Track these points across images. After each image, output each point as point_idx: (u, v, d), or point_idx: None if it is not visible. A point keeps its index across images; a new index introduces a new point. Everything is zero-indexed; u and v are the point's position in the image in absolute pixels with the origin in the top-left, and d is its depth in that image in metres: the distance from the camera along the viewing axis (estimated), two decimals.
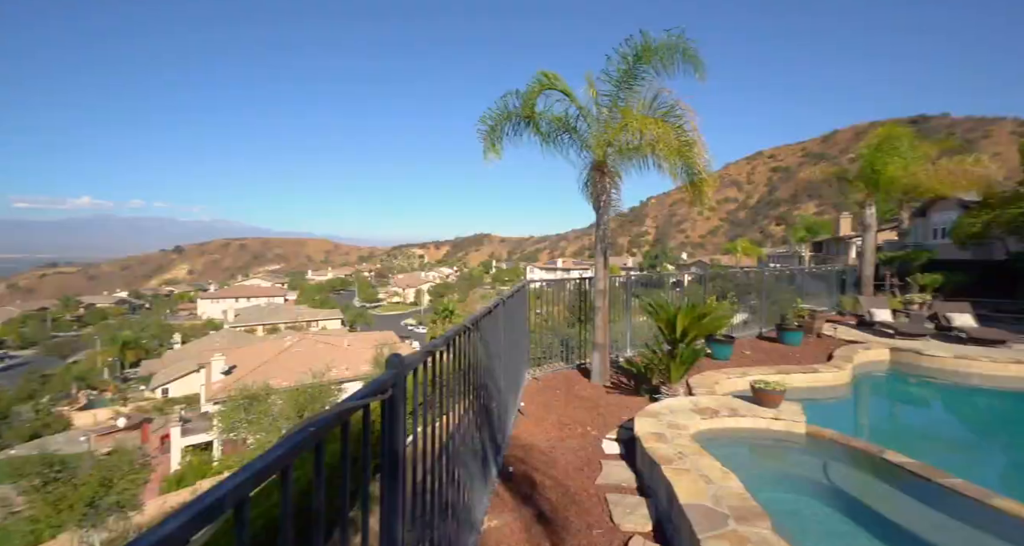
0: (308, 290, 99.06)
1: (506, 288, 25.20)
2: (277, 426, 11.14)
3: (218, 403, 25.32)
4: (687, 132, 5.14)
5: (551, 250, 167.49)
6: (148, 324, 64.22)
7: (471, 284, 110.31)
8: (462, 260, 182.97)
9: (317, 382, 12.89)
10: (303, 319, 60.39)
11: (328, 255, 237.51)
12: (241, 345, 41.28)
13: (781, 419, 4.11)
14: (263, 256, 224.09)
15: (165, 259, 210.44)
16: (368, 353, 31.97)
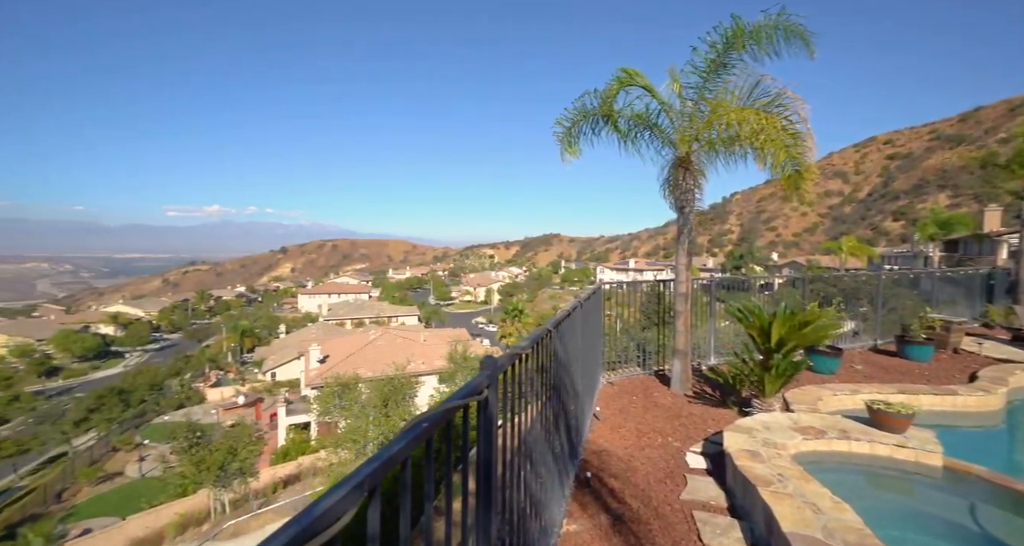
0: (389, 288, 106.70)
1: (575, 288, 25.44)
2: (365, 413, 12.26)
3: (315, 388, 28.43)
4: (795, 123, 4.65)
5: (622, 250, 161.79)
6: (260, 315, 74.17)
7: (540, 284, 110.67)
8: (531, 260, 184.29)
9: (399, 374, 13.94)
10: (384, 315, 65.23)
11: (407, 255, 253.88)
12: (333, 337, 45.84)
13: (908, 447, 3.55)
14: (351, 256, 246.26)
15: (273, 259, 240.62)
16: (442, 349, 33.58)
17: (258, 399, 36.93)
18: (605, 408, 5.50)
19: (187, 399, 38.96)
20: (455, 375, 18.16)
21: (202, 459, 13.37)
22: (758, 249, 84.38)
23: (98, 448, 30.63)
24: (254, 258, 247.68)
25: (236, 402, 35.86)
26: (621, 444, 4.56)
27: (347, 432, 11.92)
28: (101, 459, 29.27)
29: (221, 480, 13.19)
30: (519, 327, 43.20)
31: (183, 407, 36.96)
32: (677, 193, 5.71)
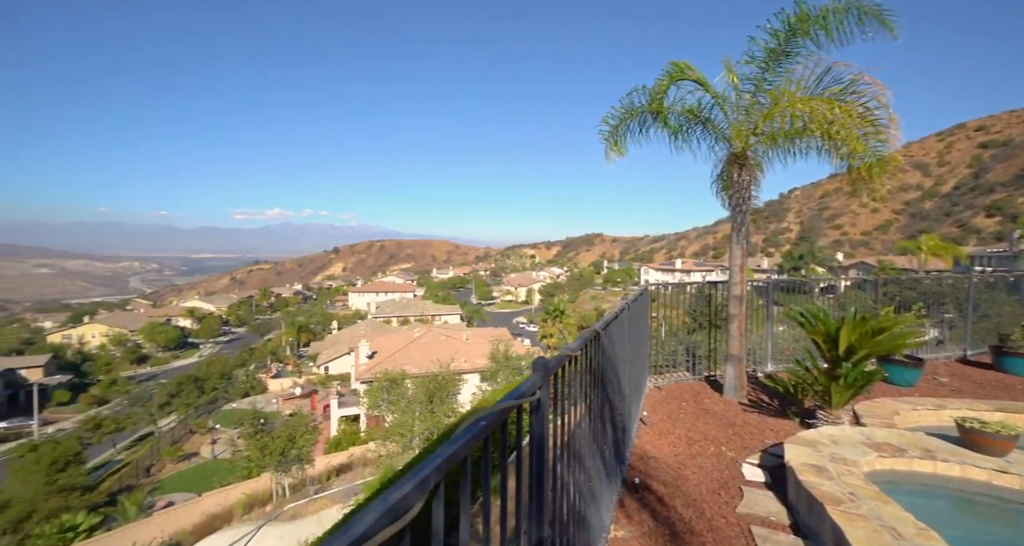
0: (432, 287, 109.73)
1: (618, 289, 24.79)
2: (411, 408, 12.72)
3: (364, 383, 29.85)
4: (873, 110, 4.27)
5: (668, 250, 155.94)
6: (315, 312, 78.98)
7: (581, 284, 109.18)
8: (572, 260, 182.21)
9: (443, 372, 14.33)
10: (428, 313, 67.07)
11: (449, 255, 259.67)
12: (380, 334, 47.85)
13: (1011, 473, 3.15)
14: (397, 256, 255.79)
15: (326, 258, 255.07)
16: (484, 348, 34.01)
17: (313, 391, 39.32)
18: (652, 413, 5.34)
19: (251, 388, 42.25)
20: (496, 374, 18.38)
21: (265, 445, 14.54)
22: (820, 249, 78.09)
23: (178, 430, 33.98)
24: (310, 258, 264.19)
25: (294, 393, 38.38)
26: (670, 451, 4.41)
27: (394, 426, 12.42)
28: (181, 440, 32.44)
29: (281, 465, 14.26)
30: (560, 328, 42.87)
31: (248, 396, 40.17)
32: (731, 190, 5.43)
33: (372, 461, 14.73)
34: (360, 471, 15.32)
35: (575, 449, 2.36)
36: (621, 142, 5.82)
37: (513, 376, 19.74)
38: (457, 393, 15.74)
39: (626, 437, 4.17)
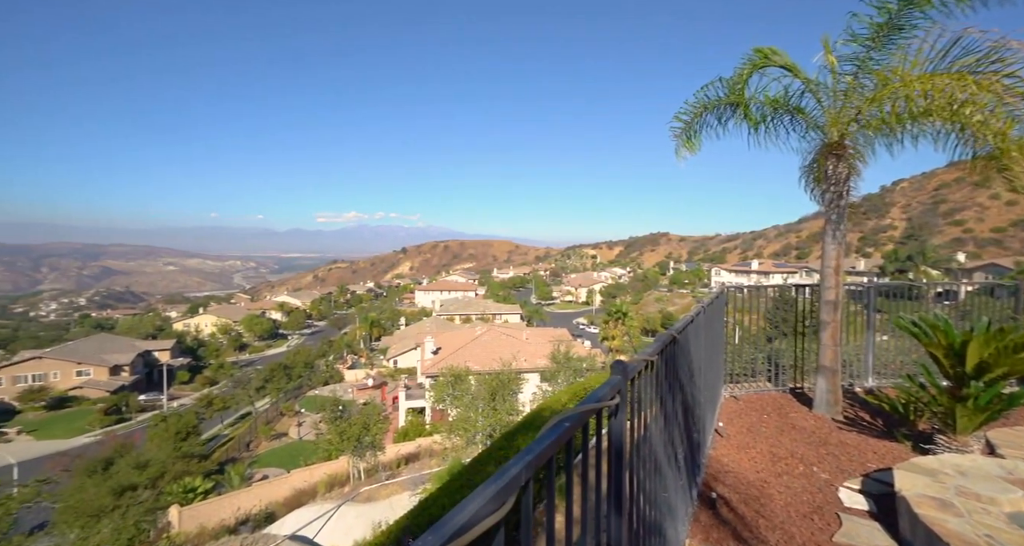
0: (493, 286, 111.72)
1: (685, 291, 23.39)
2: (474, 404, 13.13)
3: (429, 377, 31.27)
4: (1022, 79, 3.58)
5: (743, 250, 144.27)
6: (385, 309, 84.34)
7: (645, 286, 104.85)
8: (635, 260, 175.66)
9: (506, 370, 14.61)
10: (489, 312, 68.47)
11: (510, 255, 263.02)
12: (444, 331, 49.77)
13: None
14: (460, 255, 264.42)
15: (395, 258, 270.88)
16: (544, 348, 33.92)
17: (383, 382, 42.00)
18: (729, 425, 4.99)
19: (330, 377, 46.17)
20: (557, 375, 18.29)
21: (343, 430, 15.87)
22: (933, 248, 67.38)
23: (271, 411, 38.12)
24: (381, 257, 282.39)
25: (366, 384, 41.30)
26: (751, 466, 4.10)
27: (458, 421, 12.90)
28: (273, 420, 36.36)
29: (357, 450, 15.46)
30: (623, 330, 41.53)
31: (328, 384, 43.97)
32: (825, 184, 4.89)
33: (438, 453, 15.41)
34: (427, 461, 16.11)
35: (650, 456, 2.29)
36: (695, 138, 5.50)
37: (574, 378, 19.49)
38: (519, 392, 15.91)
39: (701, 448, 3.94)
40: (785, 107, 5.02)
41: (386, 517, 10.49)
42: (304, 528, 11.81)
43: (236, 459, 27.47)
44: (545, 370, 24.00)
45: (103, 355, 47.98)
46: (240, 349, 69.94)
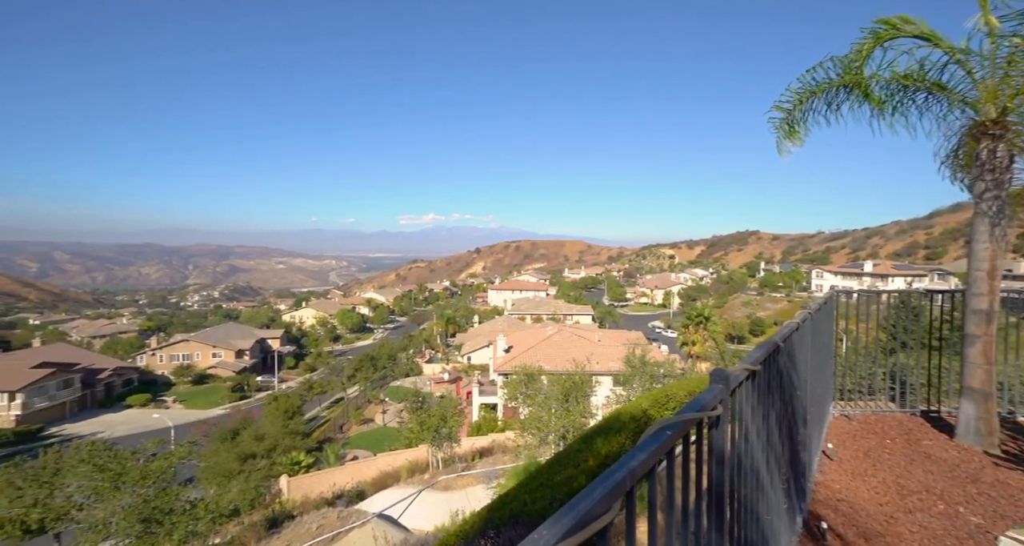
0: (564, 286, 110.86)
1: (778, 295, 21.11)
2: (547, 404, 13.19)
3: (501, 374, 32.01)
4: None
5: (852, 249, 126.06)
6: (460, 306, 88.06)
7: (731, 288, 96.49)
8: (719, 261, 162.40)
9: (580, 372, 14.43)
10: (560, 312, 68.10)
11: (581, 255, 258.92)
12: (515, 329, 50.53)
13: None
14: (531, 255, 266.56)
15: (469, 258, 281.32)
16: (617, 351, 32.87)
17: (458, 378, 43.88)
18: (840, 447, 4.43)
19: (411, 370, 49.38)
20: (632, 379, 17.61)
21: (423, 421, 16.94)
22: None
23: (360, 398, 41.85)
24: (456, 257, 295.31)
25: (443, 378, 43.45)
26: (870, 498, 3.59)
27: (530, 419, 13.05)
28: (362, 407, 39.90)
29: (435, 440, 16.42)
30: (705, 335, 38.73)
31: (408, 376, 47.12)
32: (976, 170, 4.09)
33: (510, 449, 15.74)
34: (499, 457, 16.56)
35: (751, 474, 2.13)
36: (799, 128, 4.94)
37: (650, 383, 18.61)
38: (592, 394, 15.62)
39: (807, 471, 3.55)
40: (920, 83, 4.29)
41: (463, 507, 11.00)
42: (389, 508, 12.84)
43: (331, 439, 30.67)
44: (619, 374, 23.21)
45: (230, 340, 56.51)
46: (334, 340, 77.89)
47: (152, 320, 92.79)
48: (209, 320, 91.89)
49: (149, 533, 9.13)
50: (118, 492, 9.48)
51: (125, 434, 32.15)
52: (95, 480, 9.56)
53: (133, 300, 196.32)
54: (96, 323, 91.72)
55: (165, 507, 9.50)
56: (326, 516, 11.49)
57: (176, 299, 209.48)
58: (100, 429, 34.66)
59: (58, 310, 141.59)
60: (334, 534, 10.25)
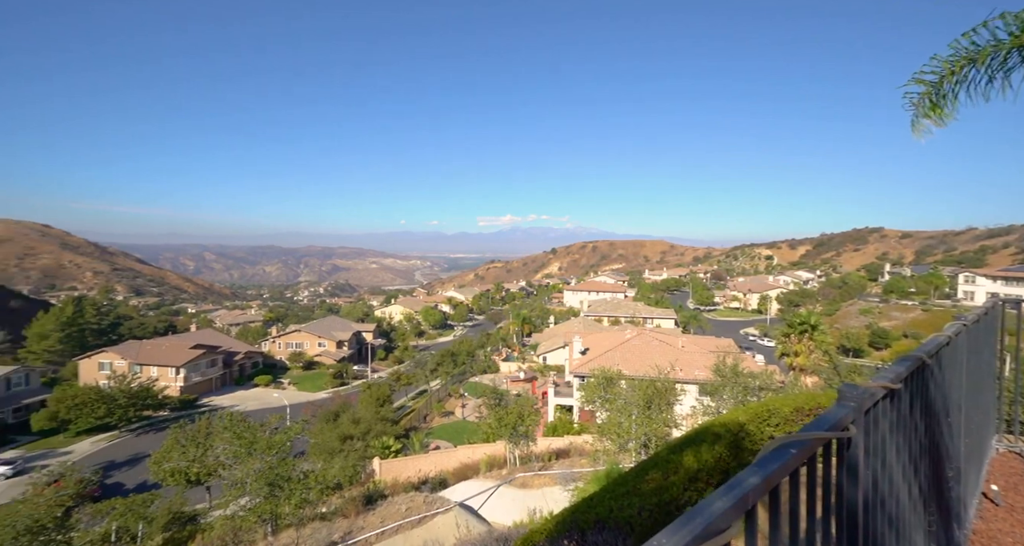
0: (644, 288, 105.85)
1: (910, 303, 18.14)
2: (627, 410, 12.70)
3: (577, 376, 31.60)
4: None
5: (1020, 250, 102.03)
6: (535, 306, 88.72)
7: (844, 294, 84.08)
8: (830, 262, 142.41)
9: (663, 378, 13.67)
10: (640, 315, 65.18)
11: (664, 255, 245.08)
12: (591, 331, 49.51)
13: None
14: (609, 256, 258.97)
15: (545, 258, 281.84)
16: (703, 358, 30.61)
17: (533, 377, 44.25)
18: (1011, 491, 3.64)
19: (488, 367, 50.97)
20: (722, 390, 16.18)
21: (502, 417, 17.42)
22: None
23: (441, 391, 44.27)
24: (532, 258, 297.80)
25: (518, 376, 44.15)
26: None
27: (609, 424, 12.69)
28: (443, 400, 42.17)
29: (513, 437, 16.77)
30: (810, 346, 34.26)
31: (486, 373, 48.70)
32: None
33: (587, 453, 15.48)
34: (576, 459, 16.37)
35: (885, 507, 1.87)
36: (946, 104, 4.14)
37: (743, 395, 16.93)
38: (675, 403, 14.70)
39: (961, 516, 2.98)
40: None
41: (539, 505, 11.10)
42: (469, 499, 13.42)
43: (416, 428, 32.88)
44: (706, 383, 21.54)
45: (332, 332, 63.45)
46: (419, 335, 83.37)
47: (273, 312, 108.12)
48: (315, 313, 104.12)
49: (273, 496, 10.69)
50: (251, 458, 11.25)
51: (254, 409, 37.88)
52: (235, 445, 11.51)
53: (259, 294, 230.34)
54: (233, 313, 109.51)
55: (285, 474, 11.05)
56: (413, 499, 12.38)
57: (291, 294, 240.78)
58: (235, 403, 41.27)
59: (207, 301, 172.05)
60: (420, 517, 11.01)
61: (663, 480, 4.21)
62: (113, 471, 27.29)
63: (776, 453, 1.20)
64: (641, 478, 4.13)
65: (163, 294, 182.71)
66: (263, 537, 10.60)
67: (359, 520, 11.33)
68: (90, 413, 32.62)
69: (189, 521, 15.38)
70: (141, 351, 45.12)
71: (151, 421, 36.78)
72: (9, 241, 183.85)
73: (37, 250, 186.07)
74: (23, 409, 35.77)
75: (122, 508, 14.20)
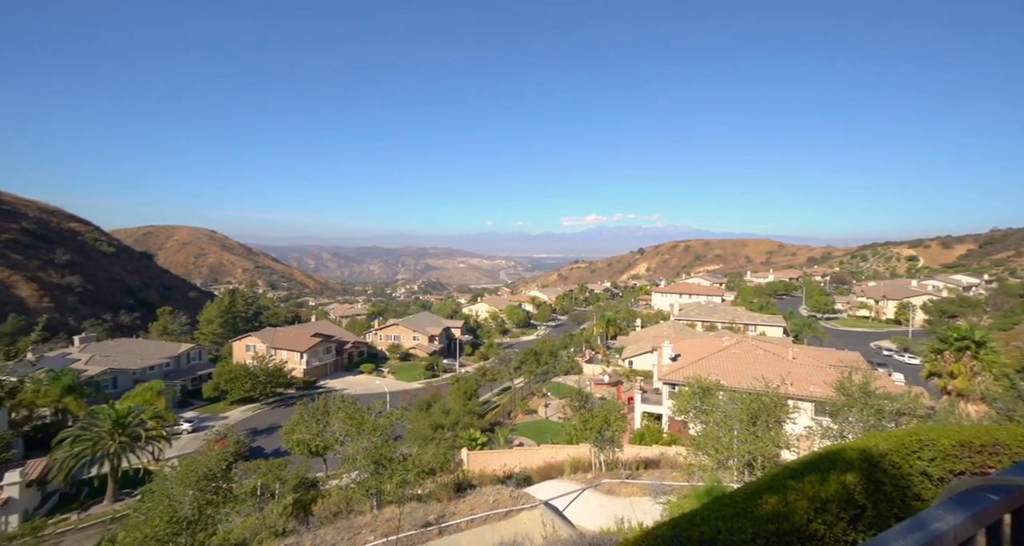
0: (745, 292, 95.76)
1: None
2: (728, 424, 11.57)
3: (667, 383, 29.74)
4: None
5: None
6: (621, 308, 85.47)
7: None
8: (1004, 264, 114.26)
9: (772, 393, 12.18)
10: (740, 321, 59.14)
11: (770, 256, 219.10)
12: (683, 336, 46.17)
13: None
14: (704, 256, 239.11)
15: (632, 259, 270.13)
16: (820, 372, 26.68)
17: (619, 381, 42.69)
18: None
19: (571, 368, 50.46)
20: (847, 411, 13.80)
21: (587, 420, 17.14)
22: None
23: (525, 390, 45.00)
24: (617, 258, 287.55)
25: (603, 380, 42.97)
26: None
27: (707, 438, 11.68)
28: (526, 398, 42.83)
29: (598, 442, 16.39)
30: (974, 366, 27.91)
31: (568, 374, 48.29)
32: None
33: (680, 466, 14.47)
34: (667, 472, 15.41)
35: None
36: None
37: (877, 421, 14.29)
38: (785, 421, 12.99)
39: None
40: None
41: (627, 515, 10.69)
42: (554, 499, 13.45)
43: (500, 423, 33.88)
44: (826, 401, 18.74)
45: (425, 327, 68.31)
46: (503, 333, 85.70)
47: (375, 307, 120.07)
48: (410, 309, 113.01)
49: (378, 473, 11.90)
50: (360, 436, 12.66)
51: (360, 393, 42.48)
52: (347, 424, 13.09)
53: (364, 290, 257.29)
54: (343, 307, 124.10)
55: (388, 455, 12.22)
56: (500, 493, 12.80)
57: (389, 291, 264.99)
58: (345, 386, 46.69)
59: (323, 296, 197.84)
60: (507, 511, 11.33)
61: (782, 506, 3.78)
62: (256, 436, 32.73)
63: (968, 497, 1.00)
64: (754, 501, 3.75)
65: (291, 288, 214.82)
66: (369, 509, 11.85)
67: (451, 506, 12.05)
68: (240, 386, 39.76)
69: (312, 486, 17.88)
70: (275, 337, 53.36)
71: (282, 397, 43.30)
72: (190, 244, 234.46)
73: (206, 251, 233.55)
74: (197, 379, 44.88)
75: (265, 469, 17.13)
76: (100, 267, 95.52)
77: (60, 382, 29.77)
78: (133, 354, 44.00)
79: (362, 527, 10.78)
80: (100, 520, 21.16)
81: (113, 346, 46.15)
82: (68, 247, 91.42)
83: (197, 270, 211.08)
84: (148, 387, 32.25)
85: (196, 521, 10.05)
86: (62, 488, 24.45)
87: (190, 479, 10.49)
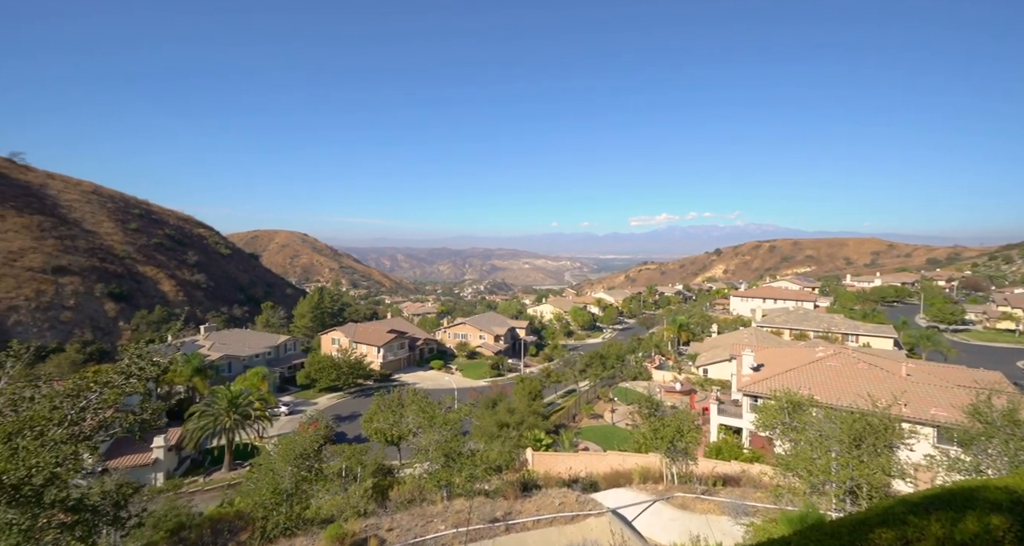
0: (844, 297, 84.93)
1: None
2: (824, 444, 10.21)
3: (747, 395, 27.25)
4: None
5: None
6: (694, 313, 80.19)
7: None
8: None
9: (881, 414, 10.51)
10: (838, 330, 52.54)
11: (876, 257, 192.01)
12: (766, 345, 42.01)
13: None
14: (792, 258, 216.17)
15: (707, 260, 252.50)
16: (944, 394, 22.74)
17: (692, 390, 40.05)
18: None
19: (639, 374, 48.40)
20: (984, 440, 11.48)
21: (657, 429, 16.30)
22: None
23: (590, 393, 44.07)
24: (691, 259, 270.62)
25: (674, 387, 40.60)
26: None
27: (798, 459, 10.44)
28: (592, 402, 41.92)
29: (670, 453, 15.49)
30: None
31: (636, 379, 46.34)
32: None
33: (766, 487, 13.15)
34: (749, 491, 14.09)
35: None
36: None
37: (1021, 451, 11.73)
38: (898, 447, 11.19)
39: None
40: None
41: (704, 533, 9.96)
42: (622, 508, 12.98)
43: (565, 426, 33.51)
44: (954, 427, 15.87)
45: (491, 326, 69.88)
46: (568, 335, 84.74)
47: (444, 306, 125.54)
48: (477, 309, 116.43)
49: (448, 466, 12.43)
50: (431, 430, 13.32)
51: (430, 388, 44.67)
52: (420, 417, 13.85)
53: (434, 290, 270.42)
54: (415, 305, 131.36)
55: (457, 449, 12.70)
56: (566, 496, 12.66)
57: (457, 290, 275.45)
58: (417, 381, 49.34)
59: (398, 294, 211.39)
60: (573, 515, 11.18)
61: (894, 539, 3.38)
62: (340, 422, 35.90)
63: None
64: (863, 535, 3.35)
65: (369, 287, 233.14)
66: (440, 500, 12.41)
67: (516, 504, 12.19)
68: (327, 376, 44.04)
69: (388, 473, 19.21)
70: (356, 331, 58.05)
71: (362, 388, 46.97)
72: (287, 246, 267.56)
73: (300, 252, 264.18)
74: (292, 367, 50.54)
75: (348, 452, 18.80)
76: (219, 267, 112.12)
77: (191, 364, 35.37)
78: (243, 343, 50.69)
79: (434, 516, 11.33)
80: (219, 485, 24.79)
81: (228, 335, 53.56)
82: (196, 249, 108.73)
83: (292, 269, 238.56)
84: (255, 372, 37.02)
85: (294, 494, 11.33)
86: (192, 454, 29.05)
87: (289, 456, 11.86)
